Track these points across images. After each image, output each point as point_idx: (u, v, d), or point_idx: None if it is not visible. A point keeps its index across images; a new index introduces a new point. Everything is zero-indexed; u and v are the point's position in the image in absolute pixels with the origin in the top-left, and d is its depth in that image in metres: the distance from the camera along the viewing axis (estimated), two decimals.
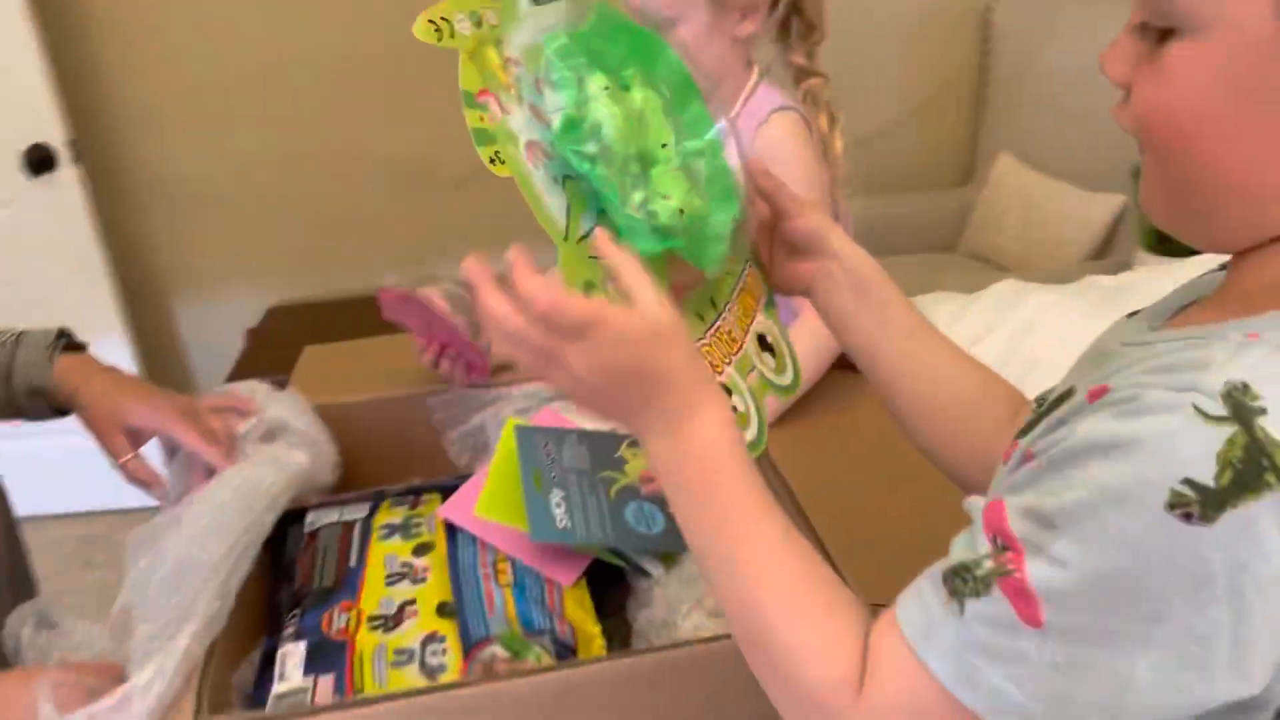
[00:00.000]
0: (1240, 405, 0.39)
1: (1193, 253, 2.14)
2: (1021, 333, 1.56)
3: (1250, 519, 0.38)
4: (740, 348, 0.69)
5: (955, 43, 2.70)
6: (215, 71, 2.54)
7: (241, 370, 2.47)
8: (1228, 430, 0.39)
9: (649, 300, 0.54)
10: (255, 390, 0.98)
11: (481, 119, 0.59)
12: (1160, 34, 0.46)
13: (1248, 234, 0.47)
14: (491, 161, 0.58)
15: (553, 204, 0.59)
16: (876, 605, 0.76)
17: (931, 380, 0.69)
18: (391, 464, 1.03)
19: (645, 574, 0.89)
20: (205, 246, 2.71)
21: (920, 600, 0.47)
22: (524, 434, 0.96)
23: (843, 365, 1.10)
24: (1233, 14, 0.43)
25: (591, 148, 0.58)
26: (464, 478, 0.98)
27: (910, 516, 0.87)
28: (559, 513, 0.89)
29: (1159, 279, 1.72)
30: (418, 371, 1.16)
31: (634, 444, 1.00)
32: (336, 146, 2.63)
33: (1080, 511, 0.42)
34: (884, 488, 0.98)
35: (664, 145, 0.60)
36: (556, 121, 0.59)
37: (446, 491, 0.96)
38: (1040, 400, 0.64)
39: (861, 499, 0.95)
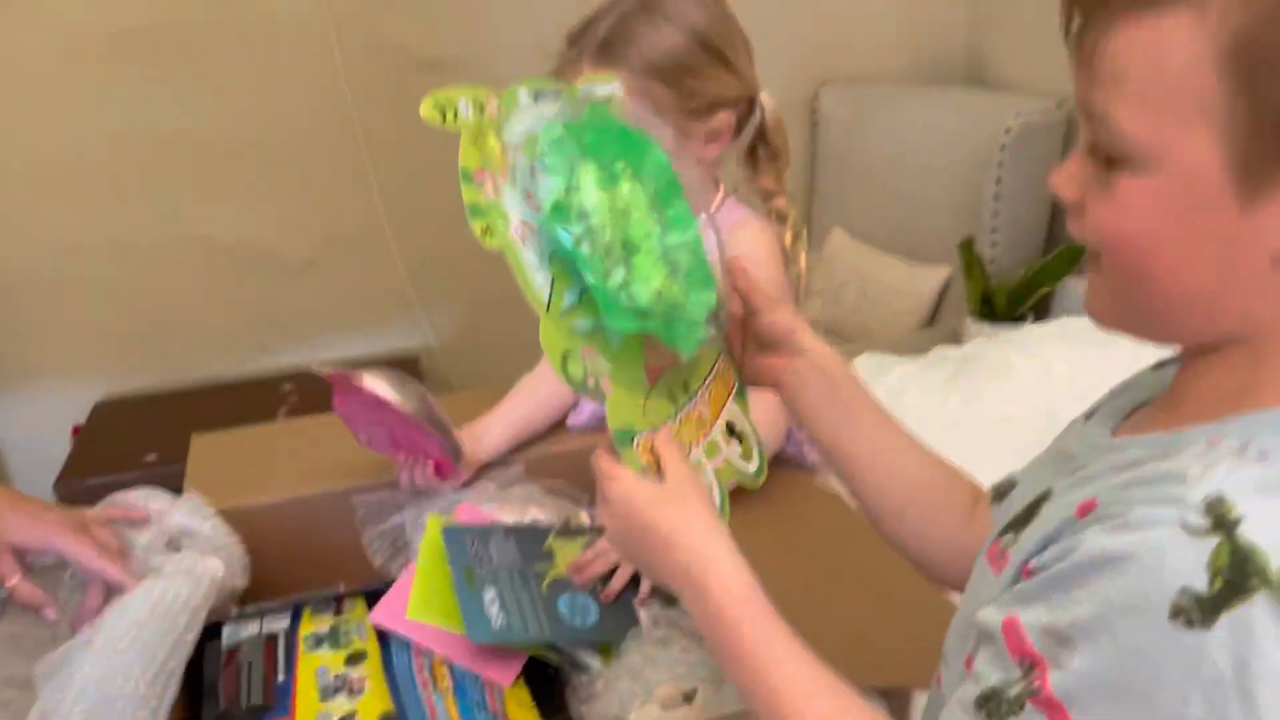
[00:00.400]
0: (1221, 517, 0.43)
1: (1018, 319, 2.31)
2: (889, 403, 1.66)
3: (1245, 619, 0.42)
4: (709, 432, 0.71)
5: (788, 128, 2.85)
6: (34, 154, 2.39)
7: (70, 471, 2.31)
8: (1213, 541, 0.43)
9: (670, 466, 0.62)
10: (151, 497, 0.93)
11: (476, 195, 0.61)
12: (1109, 159, 0.50)
13: (1196, 336, 0.53)
14: (482, 235, 0.60)
15: (538, 279, 0.62)
16: None
17: (898, 475, 0.73)
18: (303, 567, 1.00)
19: (583, 668, 0.90)
20: (21, 338, 2.53)
21: None
22: (450, 534, 0.95)
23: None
24: (1181, 159, 0.47)
25: (578, 229, 0.61)
26: (383, 580, 0.96)
27: (841, 606, 0.91)
28: (494, 611, 0.88)
29: (997, 349, 1.86)
30: (322, 466, 1.12)
31: (561, 534, 1.01)
32: (168, 232, 2.50)
33: (1093, 625, 0.45)
34: (816, 579, 1.01)
35: (647, 235, 0.64)
36: (547, 203, 0.62)
37: (370, 595, 0.94)
38: (999, 491, 0.69)
39: (794, 588, 0.98)
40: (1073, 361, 1.60)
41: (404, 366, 2.69)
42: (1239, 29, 0.44)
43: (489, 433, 1.15)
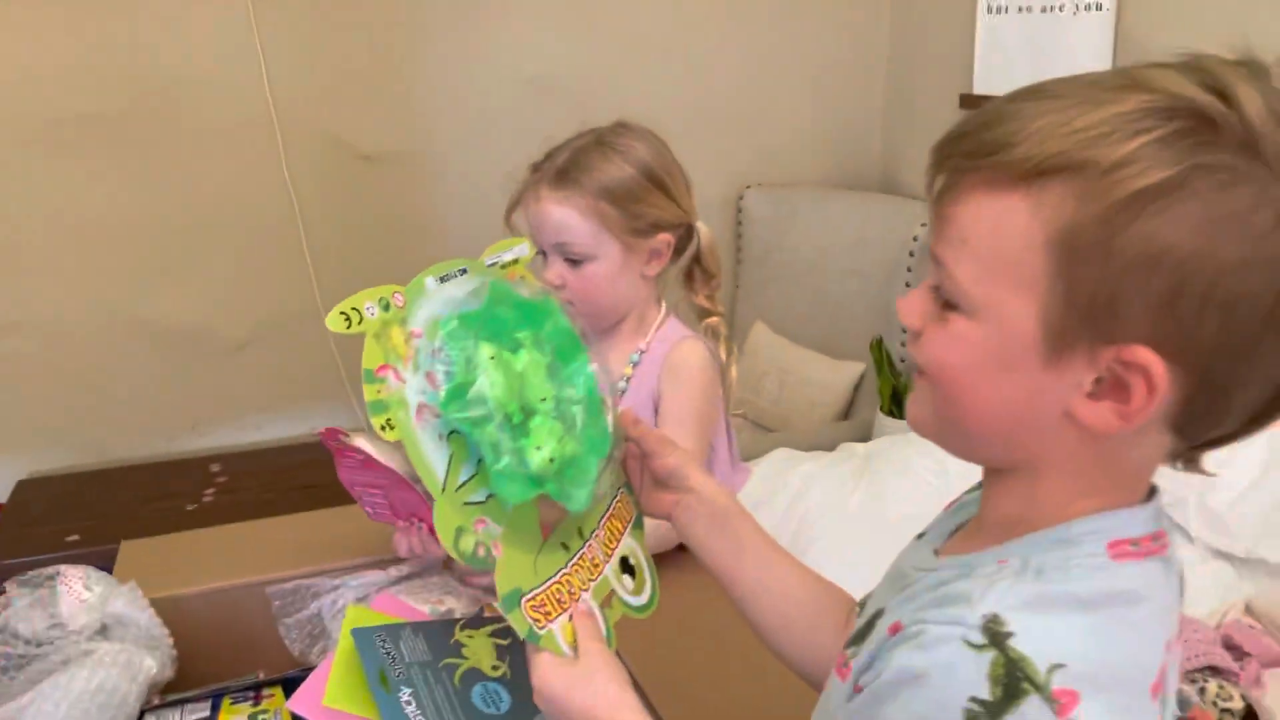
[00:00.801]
0: (995, 634, 0.51)
1: None
2: (796, 499, 1.76)
3: (1023, 718, 0.49)
4: (600, 570, 0.78)
5: (715, 224, 2.99)
6: None
7: None
8: (990, 654, 0.50)
9: (583, 644, 0.72)
10: (93, 579, 0.97)
11: (379, 392, 0.68)
12: (947, 302, 0.57)
13: (992, 460, 0.62)
14: (383, 429, 0.67)
15: (435, 458, 0.69)
16: None
17: (783, 597, 0.81)
18: (226, 654, 1.04)
19: None
20: None
21: None
22: (361, 635, 1.00)
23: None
24: (1003, 315, 0.54)
25: (474, 412, 0.68)
26: (304, 669, 1.01)
27: (744, 692, 0.98)
28: (410, 709, 0.93)
29: (900, 448, 1.97)
30: (244, 559, 1.18)
31: (467, 627, 1.06)
32: (101, 312, 2.54)
33: None
34: (717, 666, 1.08)
35: (543, 400, 0.71)
36: (445, 390, 0.69)
37: (288, 684, 0.98)
38: (861, 604, 0.77)
39: (698, 677, 1.05)
40: (966, 464, 1.69)
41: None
42: (1065, 224, 0.51)
43: None
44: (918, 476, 1.77)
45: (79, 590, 0.96)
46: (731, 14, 2.86)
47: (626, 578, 0.81)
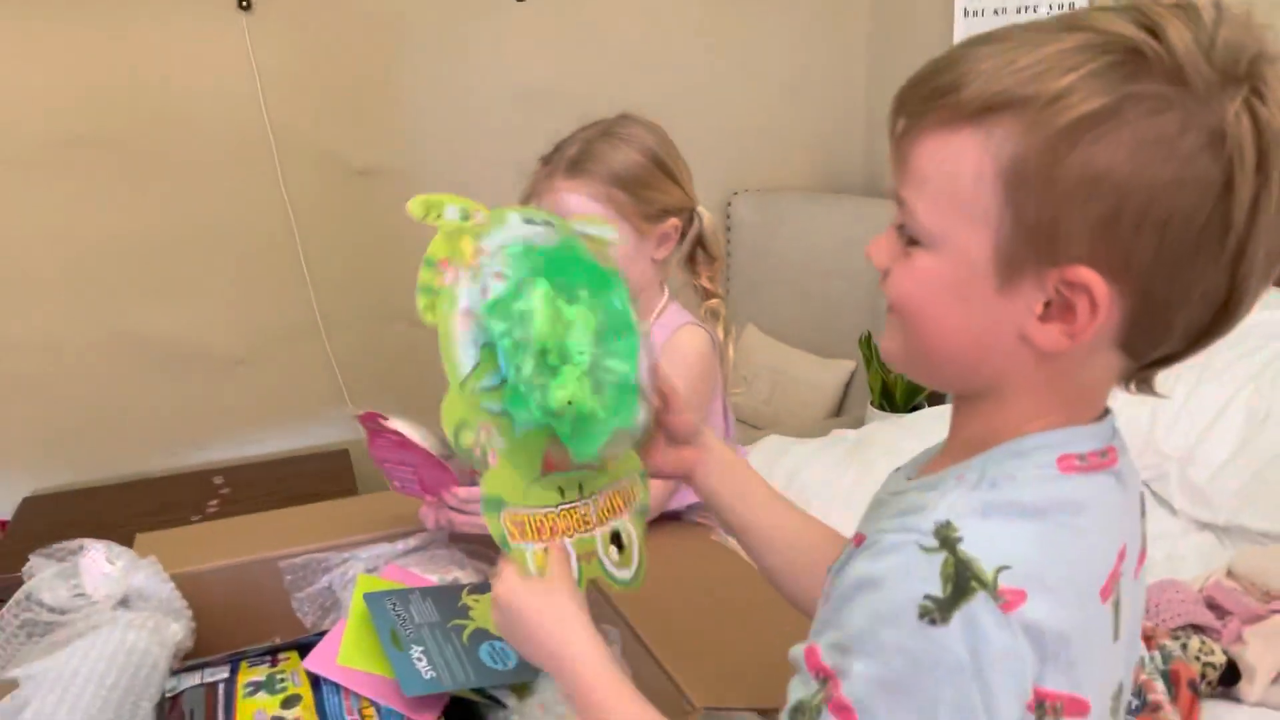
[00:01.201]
0: (946, 538, 0.55)
1: (914, 409, 2.49)
2: (790, 476, 1.80)
3: (972, 614, 0.53)
4: (589, 529, 0.82)
5: None
6: None
7: None
8: (941, 555, 0.55)
9: (552, 567, 0.76)
10: (115, 553, 1.01)
11: (433, 279, 0.72)
12: (910, 239, 0.62)
13: (958, 387, 0.67)
14: (425, 309, 0.71)
15: (464, 357, 0.73)
16: (714, 707, 0.91)
17: (788, 539, 0.86)
18: (240, 628, 1.08)
19: (499, 705, 0.99)
20: None
21: None
22: (372, 600, 1.04)
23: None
24: (959, 247, 0.59)
25: (506, 326, 0.72)
26: (319, 633, 1.05)
27: (733, 634, 1.03)
28: (422, 665, 0.97)
29: (889, 432, 2.02)
30: (257, 538, 1.22)
31: (474, 591, 1.11)
32: (102, 330, 2.59)
33: (863, 634, 0.56)
34: (709, 613, 1.12)
35: (581, 354, 0.74)
36: (490, 299, 0.73)
37: (303, 648, 1.02)
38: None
39: (687, 619, 1.10)
40: None
41: (334, 460, 2.77)
42: (1012, 156, 0.56)
43: None
44: (907, 456, 1.79)
45: (102, 563, 1.00)
46: (716, 25, 2.94)
47: (614, 549, 0.84)
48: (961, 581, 0.55)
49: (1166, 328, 0.59)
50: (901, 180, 0.63)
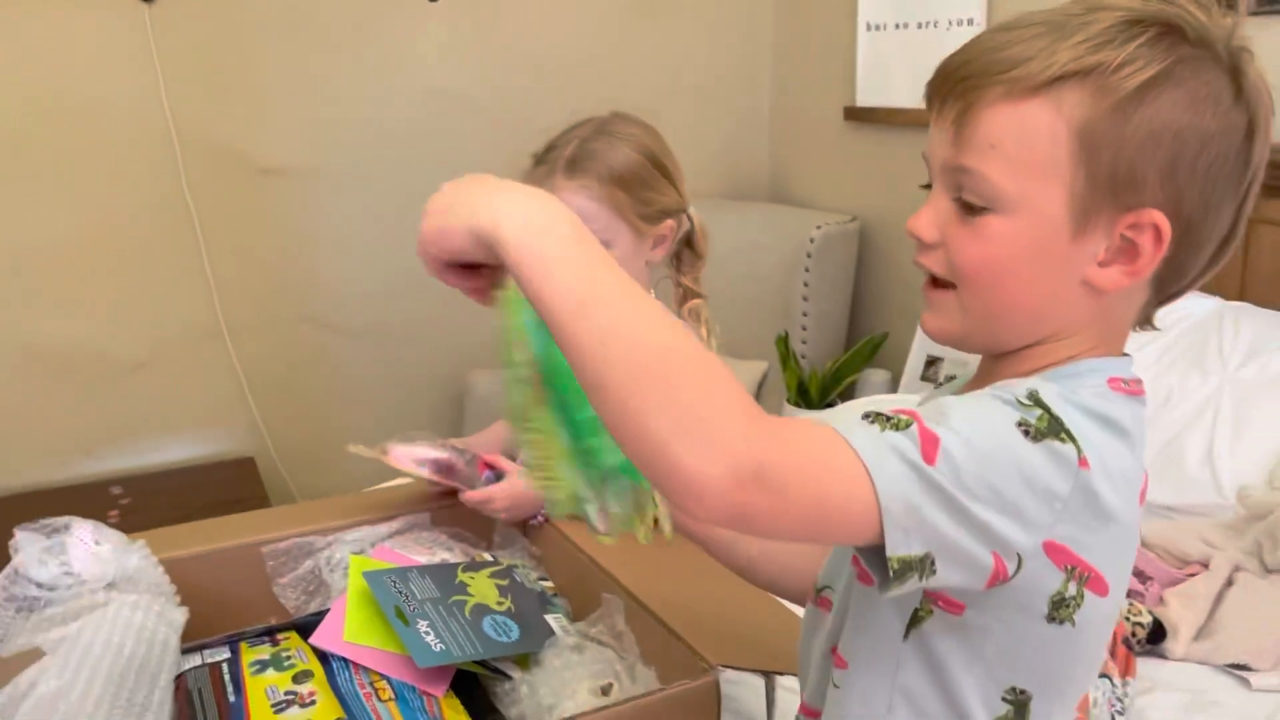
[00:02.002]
0: (1038, 400, 0.62)
1: (829, 405, 2.58)
2: None
3: (1056, 449, 0.60)
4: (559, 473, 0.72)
5: None
6: None
7: None
8: (1037, 410, 0.61)
9: None
10: (103, 535, 0.98)
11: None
12: (971, 207, 0.66)
13: (1018, 341, 0.71)
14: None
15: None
16: (726, 665, 0.94)
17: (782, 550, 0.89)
18: (223, 614, 1.05)
19: (504, 676, 1.00)
20: None
21: (838, 419, 0.62)
22: (372, 577, 1.04)
23: None
24: (1035, 203, 0.64)
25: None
26: (314, 614, 1.03)
27: (734, 601, 1.06)
28: (430, 639, 0.97)
29: None
30: (234, 525, 1.19)
31: (468, 570, 1.11)
32: None
33: (967, 411, 0.61)
34: (707, 580, 1.14)
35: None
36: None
37: (301, 628, 1.01)
38: None
39: (684, 589, 1.12)
40: None
41: (239, 469, 2.69)
42: (1083, 121, 0.63)
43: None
44: None
45: (89, 543, 0.96)
46: (623, 33, 2.98)
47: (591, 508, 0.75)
48: (1055, 426, 0.61)
49: (1194, 264, 0.69)
50: (964, 150, 0.67)
